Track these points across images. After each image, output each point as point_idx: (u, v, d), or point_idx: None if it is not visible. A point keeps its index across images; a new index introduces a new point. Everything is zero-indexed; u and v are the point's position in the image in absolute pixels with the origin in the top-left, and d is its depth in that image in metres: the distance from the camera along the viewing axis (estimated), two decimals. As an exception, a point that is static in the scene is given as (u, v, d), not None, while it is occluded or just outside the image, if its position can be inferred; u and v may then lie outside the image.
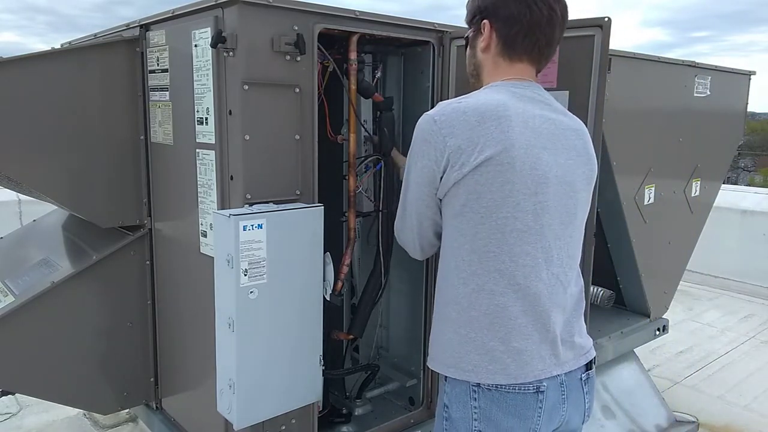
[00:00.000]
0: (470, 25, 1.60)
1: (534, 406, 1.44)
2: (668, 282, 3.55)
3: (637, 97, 2.88)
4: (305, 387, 1.89)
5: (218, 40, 1.72)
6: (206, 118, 1.89)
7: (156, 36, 2.10)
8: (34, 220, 2.95)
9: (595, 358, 1.59)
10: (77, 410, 3.27)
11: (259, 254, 1.69)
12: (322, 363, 1.92)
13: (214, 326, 1.77)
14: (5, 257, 2.67)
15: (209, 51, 1.81)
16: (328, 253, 1.91)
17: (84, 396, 2.31)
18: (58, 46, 2.46)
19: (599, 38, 1.86)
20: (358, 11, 1.97)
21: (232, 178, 1.84)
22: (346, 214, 2.26)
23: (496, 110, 1.39)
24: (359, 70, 2.16)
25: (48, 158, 2.08)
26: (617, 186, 2.88)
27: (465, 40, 1.65)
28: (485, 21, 1.52)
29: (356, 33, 2.05)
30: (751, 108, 3.84)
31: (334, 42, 2.12)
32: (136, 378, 2.39)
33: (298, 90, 1.85)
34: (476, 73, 1.60)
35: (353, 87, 2.15)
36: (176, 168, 2.10)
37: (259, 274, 1.69)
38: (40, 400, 2.44)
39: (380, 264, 2.29)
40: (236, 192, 1.82)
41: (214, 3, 1.78)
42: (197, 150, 1.95)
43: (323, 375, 1.94)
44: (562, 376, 1.48)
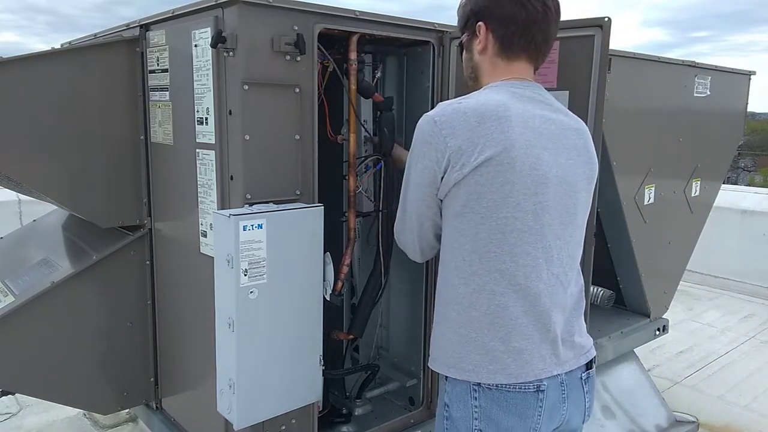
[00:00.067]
0: (464, 30, 1.60)
1: (534, 405, 1.44)
2: (668, 282, 3.55)
3: (637, 97, 2.88)
4: (305, 387, 1.89)
5: (218, 40, 1.72)
6: (206, 118, 1.89)
7: (156, 36, 2.10)
8: (34, 220, 2.95)
9: (595, 357, 1.59)
10: (77, 410, 3.27)
11: (259, 254, 1.69)
12: (322, 363, 1.92)
13: (214, 326, 1.77)
14: (5, 257, 2.67)
15: (209, 51, 1.81)
16: (328, 253, 1.91)
17: (84, 396, 2.31)
18: (58, 46, 2.46)
19: (599, 38, 1.86)
20: (358, 11, 1.97)
21: (232, 178, 1.84)
22: (346, 214, 2.26)
23: (496, 111, 1.39)
24: (359, 70, 2.16)
25: (48, 158, 2.08)
26: (617, 186, 2.88)
27: (459, 45, 1.65)
28: (480, 23, 1.52)
29: (356, 33, 2.05)
30: (751, 108, 3.84)
31: (334, 42, 2.12)
32: (136, 378, 2.39)
33: (298, 90, 1.85)
34: (474, 75, 1.60)
35: (353, 87, 2.15)
36: (176, 168, 2.10)
37: (259, 274, 1.69)
38: (40, 400, 2.44)
39: (380, 264, 2.29)
40: (236, 192, 1.82)
41: (214, 3, 1.78)
42: (197, 150, 1.95)
43: (323, 375, 1.94)
44: (562, 375, 1.48)
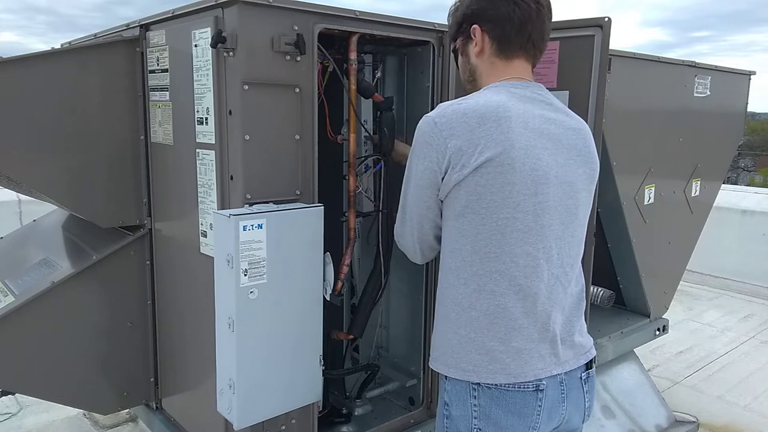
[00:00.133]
0: (457, 35, 1.60)
1: (533, 405, 1.44)
2: (668, 282, 3.56)
3: (637, 97, 2.88)
4: (305, 387, 1.89)
5: (218, 40, 1.72)
6: (206, 118, 1.89)
7: (156, 36, 2.10)
8: (34, 220, 2.95)
9: (595, 357, 1.59)
10: (77, 410, 3.27)
11: (259, 254, 1.69)
12: (322, 363, 1.92)
13: (214, 326, 1.77)
14: (5, 257, 2.67)
15: (209, 51, 1.81)
16: (328, 253, 1.91)
17: (84, 396, 2.31)
18: (58, 46, 2.46)
19: (599, 38, 1.86)
20: (358, 11, 1.97)
21: (232, 178, 1.84)
22: (346, 214, 2.26)
23: (496, 111, 1.39)
24: (359, 70, 2.16)
25: (48, 158, 2.08)
26: (617, 186, 2.88)
27: (454, 51, 1.65)
28: (475, 26, 1.53)
29: (356, 33, 2.05)
30: (751, 108, 3.84)
31: (334, 42, 2.12)
32: (136, 378, 2.39)
33: (298, 90, 1.85)
34: (473, 78, 1.60)
35: (353, 87, 2.15)
36: (176, 168, 2.10)
37: (259, 274, 1.69)
38: (40, 400, 2.44)
39: (380, 264, 2.28)
40: (236, 192, 1.82)
41: (214, 3, 1.78)
42: (197, 150, 1.95)
43: (323, 375, 1.94)
44: (561, 375, 1.48)
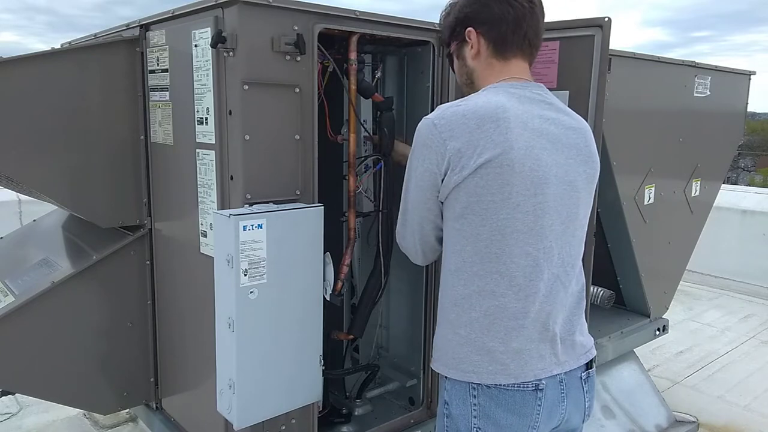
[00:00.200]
0: (451, 40, 1.60)
1: (533, 404, 1.44)
2: (668, 282, 3.56)
3: (637, 97, 2.88)
4: (305, 387, 1.89)
5: (218, 40, 1.72)
6: (206, 118, 1.89)
7: (156, 36, 2.10)
8: (34, 220, 2.95)
9: (595, 357, 1.59)
10: (77, 410, 3.27)
11: (259, 254, 1.69)
12: (322, 363, 1.92)
13: (214, 326, 1.77)
14: (5, 257, 2.67)
15: (209, 51, 1.81)
16: (328, 253, 1.91)
17: (84, 396, 2.31)
18: (58, 46, 2.46)
19: (599, 38, 1.87)
20: (358, 11, 1.97)
21: (232, 178, 1.84)
22: (346, 214, 2.26)
23: (495, 112, 1.39)
24: (359, 70, 2.16)
25: (48, 158, 2.08)
26: (617, 186, 2.88)
27: (449, 56, 1.65)
28: (470, 29, 1.53)
29: (356, 33, 2.05)
30: (751, 108, 3.84)
31: (334, 42, 2.12)
32: (136, 378, 2.39)
33: (298, 90, 1.85)
34: (470, 81, 1.60)
35: (353, 87, 2.15)
36: (176, 168, 2.10)
37: (259, 274, 1.69)
38: (40, 400, 2.44)
39: (380, 264, 2.28)
40: (236, 192, 1.82)
41: (214, 3, 1.78)
42: (197, 150, 1.95)
43: (323, 375, 1.94)
44: (561, 374, 1.48)
